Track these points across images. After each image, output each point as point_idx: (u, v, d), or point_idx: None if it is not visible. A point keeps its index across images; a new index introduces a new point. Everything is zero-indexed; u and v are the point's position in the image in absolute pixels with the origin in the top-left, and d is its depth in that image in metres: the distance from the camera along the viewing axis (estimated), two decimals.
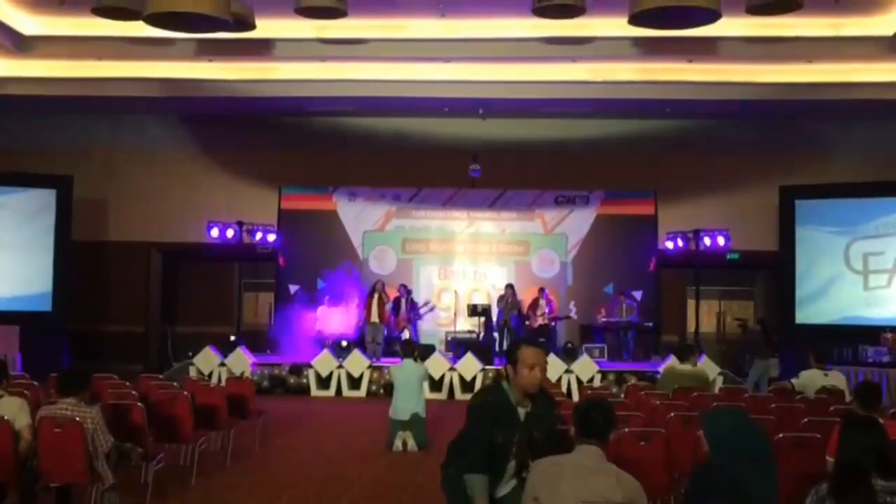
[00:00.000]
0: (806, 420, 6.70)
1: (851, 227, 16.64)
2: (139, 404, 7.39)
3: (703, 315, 18.84)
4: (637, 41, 14.72)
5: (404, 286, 17.31)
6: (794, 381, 9.41)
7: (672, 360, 11.92)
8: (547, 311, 17.04)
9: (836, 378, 8.99)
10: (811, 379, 9.05)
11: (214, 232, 17.82)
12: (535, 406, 4.41)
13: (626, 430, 6.23)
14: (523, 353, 4.36)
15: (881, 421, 5.72)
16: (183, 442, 8.27)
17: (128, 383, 9.09)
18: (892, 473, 3.79)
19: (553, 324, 17.22)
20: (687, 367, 9.35)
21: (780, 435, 5.97)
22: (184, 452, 8.63)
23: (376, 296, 16.38)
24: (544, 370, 4.36)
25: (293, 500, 7.67)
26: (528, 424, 4.39)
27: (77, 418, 6.17)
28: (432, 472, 8.60)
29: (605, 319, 17.19)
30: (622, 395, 9.89)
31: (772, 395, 9.36)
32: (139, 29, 12.78)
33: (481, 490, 4.27)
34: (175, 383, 9.52)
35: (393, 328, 16.85)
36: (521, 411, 4.40)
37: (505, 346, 16.94)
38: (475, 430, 4.42)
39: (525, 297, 17.98)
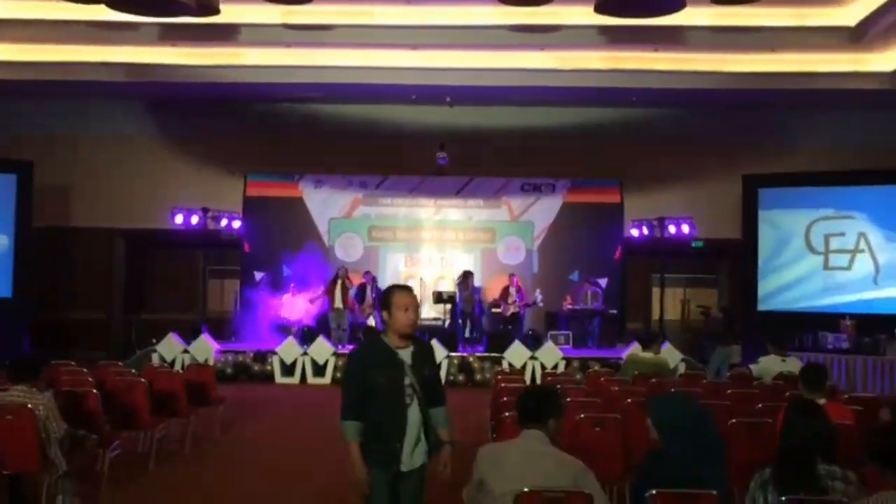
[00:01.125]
0: (760, 405, 6.76)
1: (813, 214, 16.79)
2: (94, 391, 7.32)
3: (668, 302, 18.95)
4: (604, 30, 14.77)
5: (369, 273, 17.26)
6: (752, 367, 9.53)
7: (635, 348, 11.99)
8: (517, 298, 17.06)
9: (793, 364, 9.05)
10: (769, 365, 9.15)
11: (179, 218, 17.67)
12: (418, 347, 4.59)
13: (582, 415, 6.26)
14: (396, 297, 4.58)
15: (822, 401, 5.83)
16: (140, 429, 8.22)
17: (85, 370, 9.00)
18: (833, 458, 3.83)
19: (523, 311, 17.27)
20: (648, 354, 9.48)
21: (734, 420, 6.03)
22: (142, 440, 8.58)
23: (339, 282, 16.31)
24: (416, 310, 4.56)
25: (252, 488, 7.64)
26: (416, 364, 4.53)
27: (28, 405, 6.11)
28: None
29: (570, 307, 17.26)
30: (583, 382, 9.94)
31: (729, 381, 9.45)
32: (103, 13, 12.66)
33: (352, 435, 4.45)
34: (133, 370, 9.45)
35: (358, 314, 16.79)
36: (404, 354, 4.53)
37: (468, 334, 17.03)
38: (346, 379, 4.63)
39: (492, 284, 18.03)
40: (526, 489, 3.86)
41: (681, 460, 3.93)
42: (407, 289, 4.74)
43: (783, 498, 3.66)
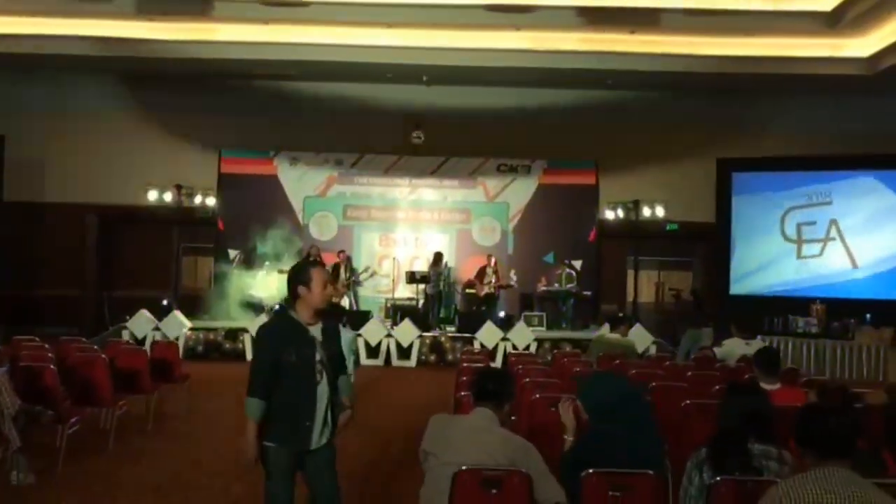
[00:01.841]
0: (717, 387, 6.79)
1: (786, 198, 16.87)
2: (51, 367, 7.28)
3: (643, 285, 19.04)
4: (580, 11, 14.71)
5: (343, 252, 17.24)
6: (716, 349, 9.60)
7: (603, 329, 12.08)
8: (493, 279, 17.07)
9: (756, 347, 9.10)
10: (732, 348, 9.24)
11: (152, 195, 17.60)
12: (326, 324, 4.64)
13: (538, 395, 6.27)
14: (315, 273, 4.60)
15: (777, 385, 5.86)
16: (101, 405, 8.17)
17: (47, 346, 8.95)
18: (768, 437, 3.86)
19: (498, 292, 17.30)
20: (615, 335, 9.54)
21: (688, 401, 6.06)
22: (105, 416, 8.54)
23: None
24: (333, 287, 4.62)
25: (214, 463, 7.62)
26: (325, 341, 4.58)
27: None
28: (356, 434, 8.64)
29: (544, 288, 17.29)
30: (548, 361, 9.99)
31: (692, 363, 9.51)
32: None
33: (255, 413, 4.43)
34: (95, 346, 9.40)
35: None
36: (314, 330, 4.56)
37: (441, 314, 17.02)
38: (258, 355, 4.59)
39: (467, 265, 18.02)
40: (464, 467, 3.90)
41: (613, 440, 3.97)
42: (323, 265, 4.89)
43: (717, 477, 3.69)
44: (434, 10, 14.77)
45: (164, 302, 16.26)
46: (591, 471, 3.89)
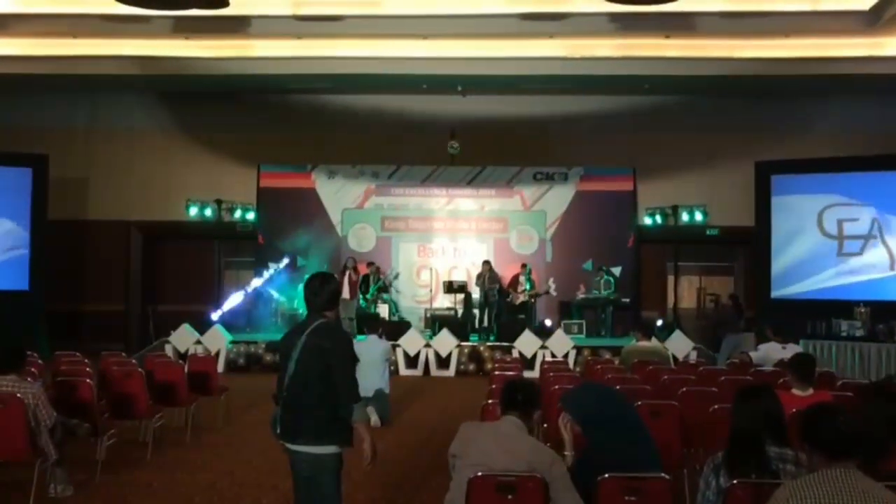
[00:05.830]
0: None
1: (826, 200, 16.59)
2: (87, 381, 7.40)
3: (684, 291, 18.89)
4: (614, 17, 14.67)
5: (373, 263, 17.39)
6: (752, 354, 9.52)
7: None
8: (526, 287, 17.06)
9: (793, 351, 9.00)
10: (768, 352, 9.14)
11: (193, 210, 17.87)
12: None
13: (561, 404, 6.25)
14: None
15: (810, 391, 5.77)
16: (138, 418, 8.30)
17: (86, 361, 9.11)
18: (784, 440, 3.82)
19: (533, 300, 17.27)
20: (645, 342, 9.52)
21: (716, 406, 6.01)
22: (144, 429, 8.66)
23: (347, 273, 16.36)
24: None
25: (247, 474, 7.69)
26: None
27: (18, 394, 6.18)
28: (394, 446, 8.70)
29: (583, 296, 17.22)
30: (577, 369, 9.98)
31: (727, 368, 9.44)
32: (114, 6, 12.82)
33: (366, 415, 4.62)
34: (133, 360, 9.55)
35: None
36: None
37: (486, 323, 16.97)
38: (350, 361, 4.63)
39: (505, 274, 17.99)
40: (479, 473, 3.94)
41: (609, 449, 4.06)
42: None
43: (734, 481, 3.66)
44: (468, 21, 14.82)
45: (213, 316, 16.45)
46: (606, 475, 3.91)
